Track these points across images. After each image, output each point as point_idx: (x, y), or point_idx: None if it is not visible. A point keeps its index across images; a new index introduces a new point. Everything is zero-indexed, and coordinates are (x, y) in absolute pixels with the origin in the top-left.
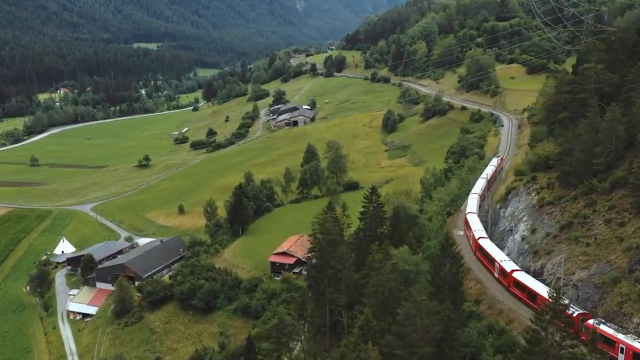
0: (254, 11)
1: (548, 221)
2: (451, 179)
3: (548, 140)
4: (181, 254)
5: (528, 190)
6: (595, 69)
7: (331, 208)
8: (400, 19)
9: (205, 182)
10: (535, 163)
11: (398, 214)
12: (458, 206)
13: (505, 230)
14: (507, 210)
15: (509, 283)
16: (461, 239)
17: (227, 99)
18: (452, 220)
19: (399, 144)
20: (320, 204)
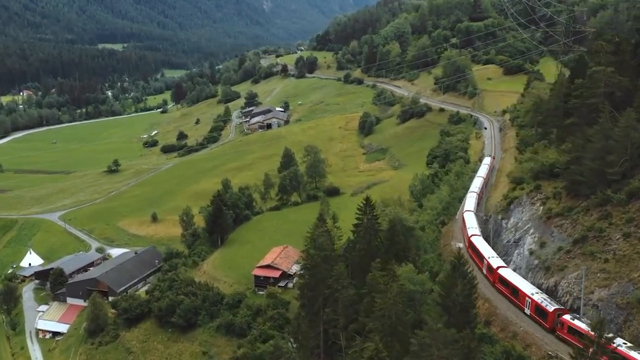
0: (220, 11)
1: (558, 234)
2: (440, 186)
3: (546, 146)
4: (157, 266)
5: (532, 200)
6: (605, 72)
7: (322, 220)
8: (371, 19)
9: (178, 188)
10: (538, 171)
11: (394, 227)
12: (451, 214)
13: (510, 242)
14: (510, 221)
15: (494, 279)
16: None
17: (197, 100)
18: (448, 231)
19: (376, 146)
20: (301, 210)
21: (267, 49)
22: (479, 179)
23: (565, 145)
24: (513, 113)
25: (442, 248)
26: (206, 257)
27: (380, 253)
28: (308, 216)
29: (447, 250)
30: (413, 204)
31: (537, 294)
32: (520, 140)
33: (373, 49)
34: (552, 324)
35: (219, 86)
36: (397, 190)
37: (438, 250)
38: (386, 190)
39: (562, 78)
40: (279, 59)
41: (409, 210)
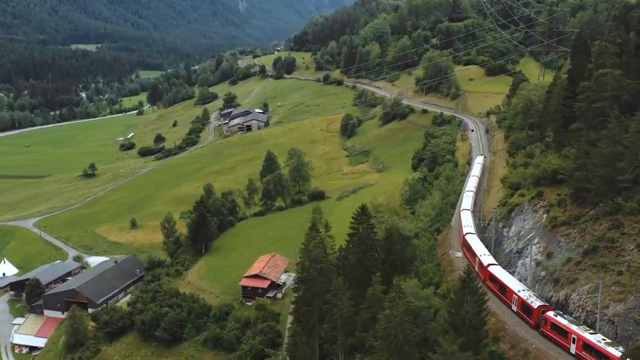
0: (195, 12)
1: (566, 244)
2: (431, 190)
3: (542, 151)
4: (138, 275)
5: (534, 207)
6: (612, 75)
7: (315, 229)
8: (349, 19)
9: (157, 192)
10: (539, 177)
11: (391, 236)
12: (445, 221)
13: (512, 252)
14: (512, 229)
15: (485, 276)
16: (461, 261)
17: (174, 102)
18: (444, 239)
19: (359, 149)
20: (286, 216)
21: (243, 49)
22: (474, 178)
23: (566, 150)
24: (499, 115)
25: (440, 257)
26: (190, 266)
27: (376, 264)
28: (293, 222)
29: (446, 259)
30: (407, 211)
31: (523, 291)
32: (511, 143)
33: (352, 49)
34: (536, 320)
35: (196, 87)
36: (384, 194)
37: (436, 259)
38: (373, 195)
39: (561, 81)
40: (256, 60)
41: (404, 217)
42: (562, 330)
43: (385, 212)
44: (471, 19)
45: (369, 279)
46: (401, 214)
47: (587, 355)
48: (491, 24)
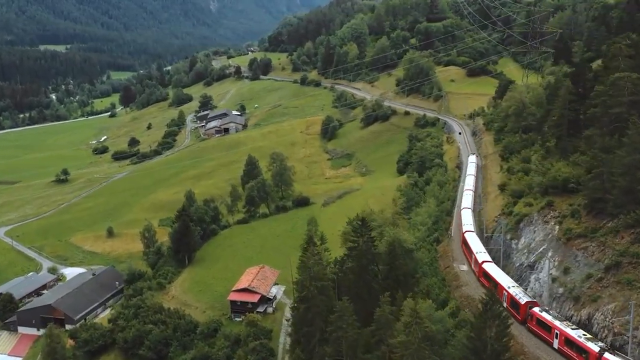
0: (166, 12)
1: (584, 259)
2: (425, 197)
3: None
4: (117, 288)
5: (545, 218)
6: (630, 79)
7: (312, 243)
8: (324, 19)
9: (133, 199)
10: (547, 185)
11: (394, 250)
12: (442, 230)
13: (523, 266)
14: (521, 241)
15: (479, 273)
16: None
17: (147, 104)
18: (446, 250)
19: (341, 152)
20: (271, 223)
21: (217, 50)
22: (471, 177)
23: (575, 157)
24: (486, 117)
25: (443, 271)
26: (173, 279)
27: (377, 279)
28: (279, 229)
29: (451, 273)
30: (406, 221)
31: (513, 287)
32: (504, 147)
33: (330, 50)
34: (524, 316)
35: (170, 89)
36: (371, 199)
37: (439, 273)
38: (359, 201)
39: (566, 84)
40: (230, 61)
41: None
42: (547, 325)
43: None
44: (450, 20)
45: (369, 295)
46: (400, 224)
47: (568, 350)
48: (469, 24)
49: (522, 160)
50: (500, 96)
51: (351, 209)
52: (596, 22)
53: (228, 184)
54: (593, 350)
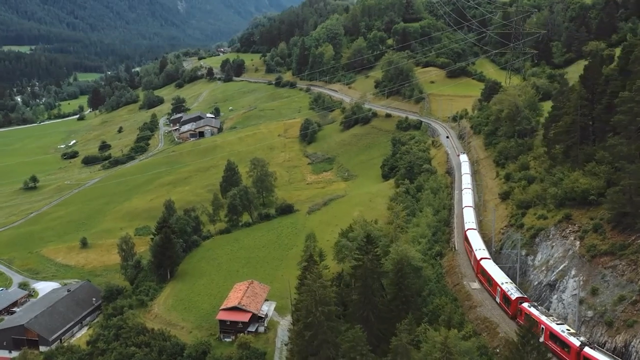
0: (134, 12)
1: (613, 279)
2: (421, 206)
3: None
4: (94, 305)
5: (563, 232)
6: None
7: (312, 261)
8: (297, 20)
9: (107, 207)
10: (563, 197)
11: (402, 269)
12: (443, 242)
13: (542, 284)
14: (538, 257)
15: (477, 270)
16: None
17: (117, 106)
18: (452, 266)
19: (322, 156)
20: (254, 232)
21: (187, 51)
22: (467, 176)
23: (592, 166)
24: (473, 120)
25: (452, 289)
26: (155, 295)
27: (384, 299)
28: (264, 239)
29: (462, 292)
30: (409, 235)
31: (505, 284)
32: (499, 153)
33: (305, 51)
34: (514, 311)
35: (140, 91)
36: (358, 207)
37: (449, 292)
38: (345, 208)
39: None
40: (202, 62)
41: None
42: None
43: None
44: (426, 20)
45: (375, 317)
46: (403, 238)
47: (552, 344)
48: (445, 25)
49: (521, 167)
50: (487, 98)
51: (337, 217)
52: (575, 23)
53: (206, 190)
54: (574, 345)
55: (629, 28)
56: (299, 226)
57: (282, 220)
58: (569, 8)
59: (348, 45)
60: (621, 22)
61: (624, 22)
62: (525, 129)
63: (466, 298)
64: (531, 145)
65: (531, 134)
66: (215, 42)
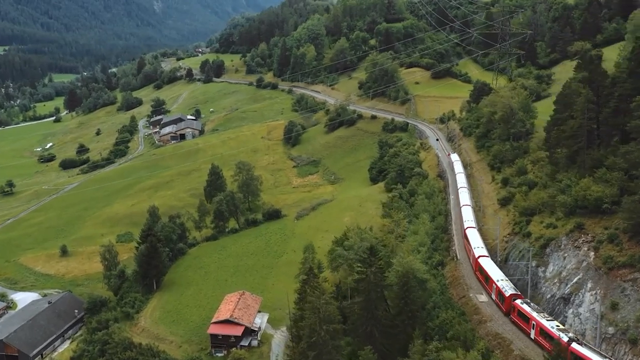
0: (109, 12)
1: (634, 293)
2: (415, 212)
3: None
4: (77, 317)
5: (575, 243)
6: None
7: (312, 274)
8: (277, 20)
9: (87, 212)
10: (573, 205)
11: (408, 283)
12: (443, 250)
13: (555, 298)
14: (549, 269)
15: (475, 267)
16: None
17: (94, 108)
18: (455, 276)
19: (307, 158)
20: (242, 239)
21: (165, 51)
22: (462, 175)
23: (602, 173)
24: (462, 122)
25: (458, 301)
26: (142, 308)
27: (388, 314)
28: (252, 246)
29: (469, 305)
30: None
31: (501, 281)
32: (494, 156)
33: (286, 51)
34: (508, 307)
35: (118, 92)
36: (347, 211)
37: (455, 304)
38: (334, 213)
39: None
40: (180, 62)
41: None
42: (525, 317)
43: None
44: (409, 20)
45: (380, 333)
46: (403, 247)
47: (542, 339)
48: (427, 25)
49: (519, 172)
50: (476, 100)
51: (327, 222)
52: (559, 24)
53: (189, 194)
54: (563, 341)
55: (613, 28)
56: (288, 232)
57: (270, 226)
58: (552, 8)
59: (330, 46)
60: (605, 23)
61: (607, 22)
62: (520, 132)
63: (474, 312)
64: (527, 148)
65: (526, 136)
66: (192, 43)
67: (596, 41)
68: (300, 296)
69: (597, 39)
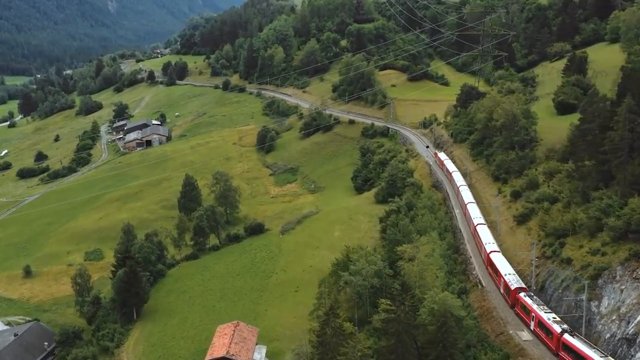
0: (62, 12)
1: None
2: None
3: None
4: (47, 350)
5: (634, 274)
6: None
7: (333, 314)
8: (240, 20)
9: (51, 227)
10: (625, 229)
11: (446, 323)
12: (460, 274)
13: (616, 338)
14: (604, 303)
15: (487, 263)
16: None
17: (51, 112)
18: (486, 308)
19: (284, 166)
20: (224, 257)
21: (123, 52)
22: (457, 173)
23: None
24: (450, 127)
25: (495, 340)
26: (122, 341)
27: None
28: (236, 266)
29: (511, 344)
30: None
31: (509, 275)
32: (497, 166)
33: (253, 53)
34: (513, 300)
35: (76, 96)
36: (337, 225)
37: (494, 345)
38: (323, 226)
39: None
40: (141, 64)
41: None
42: (527, 309)
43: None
44: (380, 21)
45: None
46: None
47: (539, 331)
48: (396, 25)
49: (530, 184)
50: (463, 104)
51: (316, 238)
52: (535, 24)
53: (160, 206)
54: (556, 331)
55: (591, 29)
56: (274, 248)
57: (253, 242)
58: (525, 9)
59: (300, 47)
60: (582, 23)
61: (584, 22)
62: (524, 140)
63: (519, 353)
64: (533, 157)
65: (530, 144)
66: (149, 44)
67: (574, 42)
68: (320, 339)
69: (576, 40)
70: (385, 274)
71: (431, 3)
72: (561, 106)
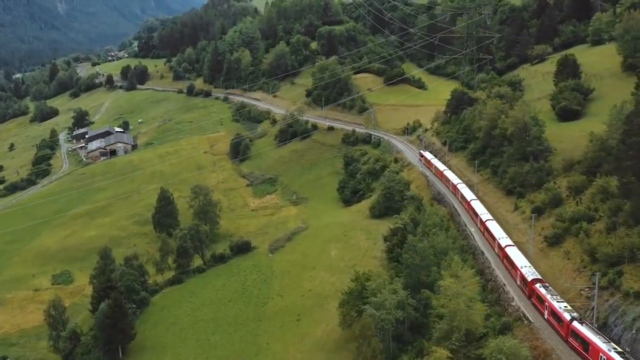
0: (9, 14)
1: None
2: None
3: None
4: None
5: None
6: None
7: None
8: (201, 23)
9: (12, 247)
10: None
11: None
12: (492, 303)
13: None
14: None
15: (502, 256)
16: None
17: (3, 119)
18: (542, 351)
19: (261, 176)
20: (211, 281)
21: (78, 56)
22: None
23: None
24: (442, 135)
25: None
26: None
27: None
28: (226, 291)
29: None
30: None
31: (525, 267)
32: (511, 179)
33: (218, 56)
34: (529, 291)
35: (29, 101)
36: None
37: None
38: (316, 244)
39: None
40: (97, 68)
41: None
42: (541, 299)
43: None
44: (350, 23)
45: None
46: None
47: (552, 319)
48: (364, 27)
49: (553, 200)
50: (454, 110)
51: (311, 257)
52: (512, 27)
53: (132, 222)
54: (565, 319)
55: (571, 31)
56: (265, 270)
57: (241, 262)
58: (498, 10)
59: (268, 50)
60: (561, 25)
61: (562, 24)
62: (537, 150)
63: None
64: (550, 169)
65: (543, 155)
66: (101, 46)
67: (554, 44)
68: None
69: (555, 42)
70: (407, 304)
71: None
72: (564, 112)
